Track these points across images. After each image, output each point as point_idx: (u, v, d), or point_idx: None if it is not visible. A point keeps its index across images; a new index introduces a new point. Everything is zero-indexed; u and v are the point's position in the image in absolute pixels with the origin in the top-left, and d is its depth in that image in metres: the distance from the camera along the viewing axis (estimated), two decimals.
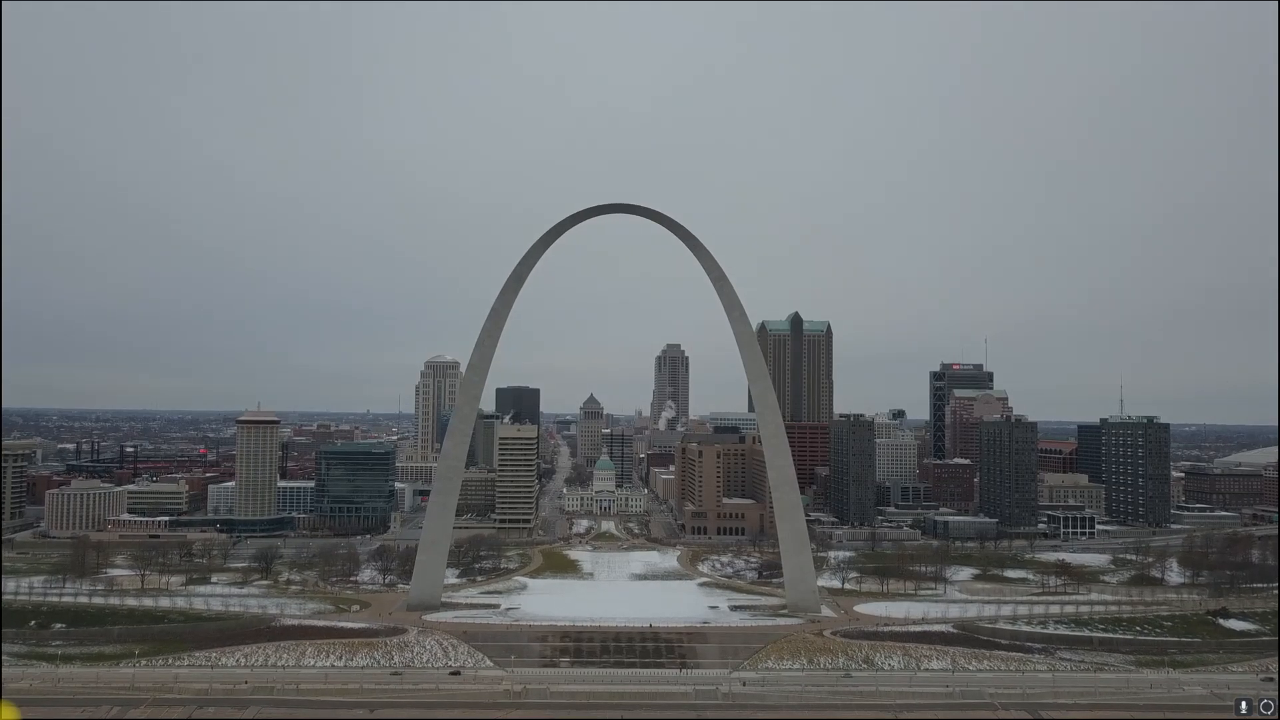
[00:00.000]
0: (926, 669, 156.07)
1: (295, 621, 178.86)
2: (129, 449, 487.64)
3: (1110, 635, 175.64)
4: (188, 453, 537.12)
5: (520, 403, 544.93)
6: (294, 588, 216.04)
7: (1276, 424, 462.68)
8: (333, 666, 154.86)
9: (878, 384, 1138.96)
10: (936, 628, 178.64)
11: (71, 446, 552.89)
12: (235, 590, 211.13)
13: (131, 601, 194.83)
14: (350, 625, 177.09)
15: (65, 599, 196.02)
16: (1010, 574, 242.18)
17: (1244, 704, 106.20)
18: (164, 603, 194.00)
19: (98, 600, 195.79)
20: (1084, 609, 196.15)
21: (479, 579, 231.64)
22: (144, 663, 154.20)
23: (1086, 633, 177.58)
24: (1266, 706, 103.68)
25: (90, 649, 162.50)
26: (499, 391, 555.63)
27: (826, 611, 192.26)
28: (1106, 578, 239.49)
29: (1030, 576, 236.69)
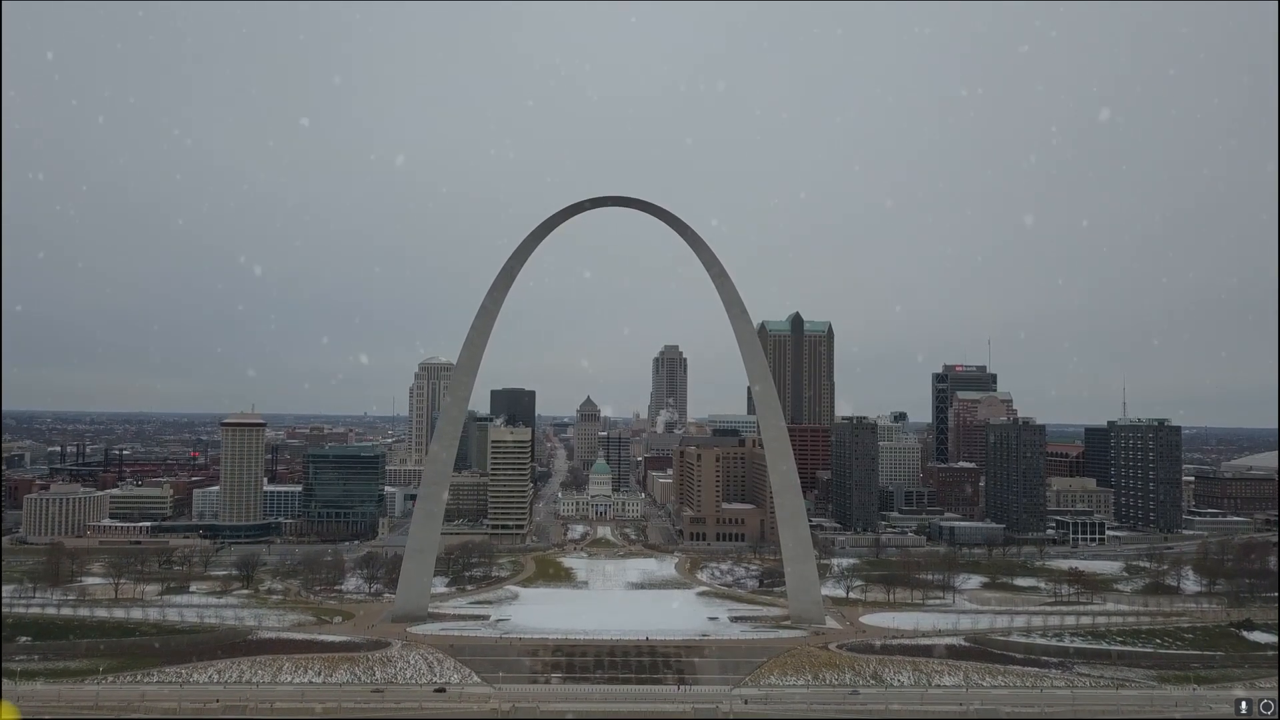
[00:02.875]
0: (938, 685, 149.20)
1: (273, 634, 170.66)
2: (115, 452, 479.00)
3: (1129, 648, 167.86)
4: (179, 456, 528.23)
5: (515, 405, 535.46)
6: (275, 597, 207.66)
7: (1277, 427, 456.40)
8: (310, 683, 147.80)
9: (878, 385, 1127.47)
10: (947, 640, 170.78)
11: (59, 449, 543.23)
12: (213, 600, 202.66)
13: (102, 613, 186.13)
14: (331, 638, 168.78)
15: (33, 610, 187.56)
16: (1020, 582, 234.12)
17: (1244, 704, 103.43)
18: (136, 614, 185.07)
19: (66, 611, 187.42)
20: (1100, 620, 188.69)
21: (469, 588, 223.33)
22: (110, 679, 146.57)
23: (1104, 645, 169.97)
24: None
25: (55, 664, 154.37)
26: (493, 393, 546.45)
27: (831, 623, 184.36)
28: (1120, 586, 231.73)
29: (1041, 585, 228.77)
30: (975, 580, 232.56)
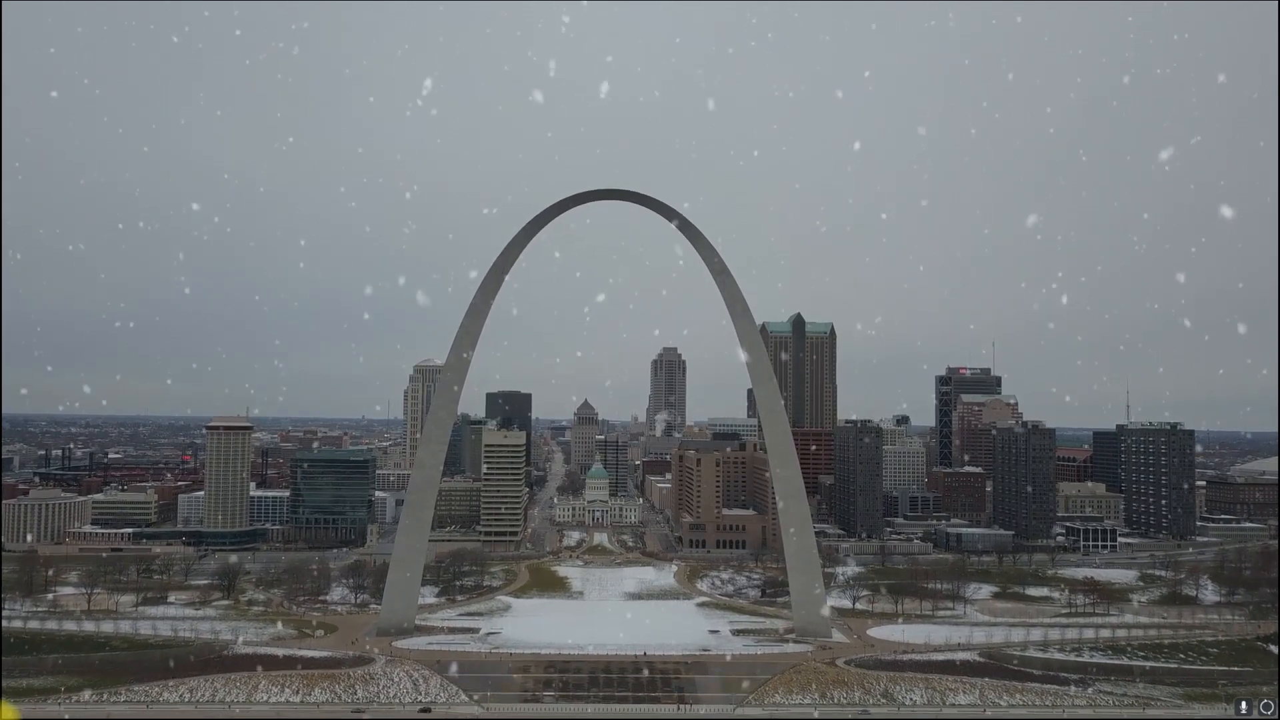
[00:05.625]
0: (953, 704, 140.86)
1: (251, 649, 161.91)
2: (102, 456, 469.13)
3: (1152, 664, 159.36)
4: (172, 460, 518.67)
5: (511, 407, 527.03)
6: (256, 608, 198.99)
7: (1277, 431, 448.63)
8: (287, 702, 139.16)
9: (879, 388, 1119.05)
10: (960, 655, 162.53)
11: (45, 453, 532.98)
12: (190, 612, 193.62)
13: (72, 625, 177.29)
14: (311, 654, 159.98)
15: None
16: (1032, 592, 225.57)
17: (1244, 704, 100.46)
18: (108, 627, 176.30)
19: (34, 624, 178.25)
20: (1120, 633, 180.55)
21: (459, 598, 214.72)
22: (74, 699, 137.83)
23: (1125, 660, 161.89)
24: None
25: (17, 682, 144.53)
26: (489, 396, 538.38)
27: (837, 636, 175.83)
28: (1136, 596, 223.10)
29: (1054, 595, 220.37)
30: (986, 590, 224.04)
